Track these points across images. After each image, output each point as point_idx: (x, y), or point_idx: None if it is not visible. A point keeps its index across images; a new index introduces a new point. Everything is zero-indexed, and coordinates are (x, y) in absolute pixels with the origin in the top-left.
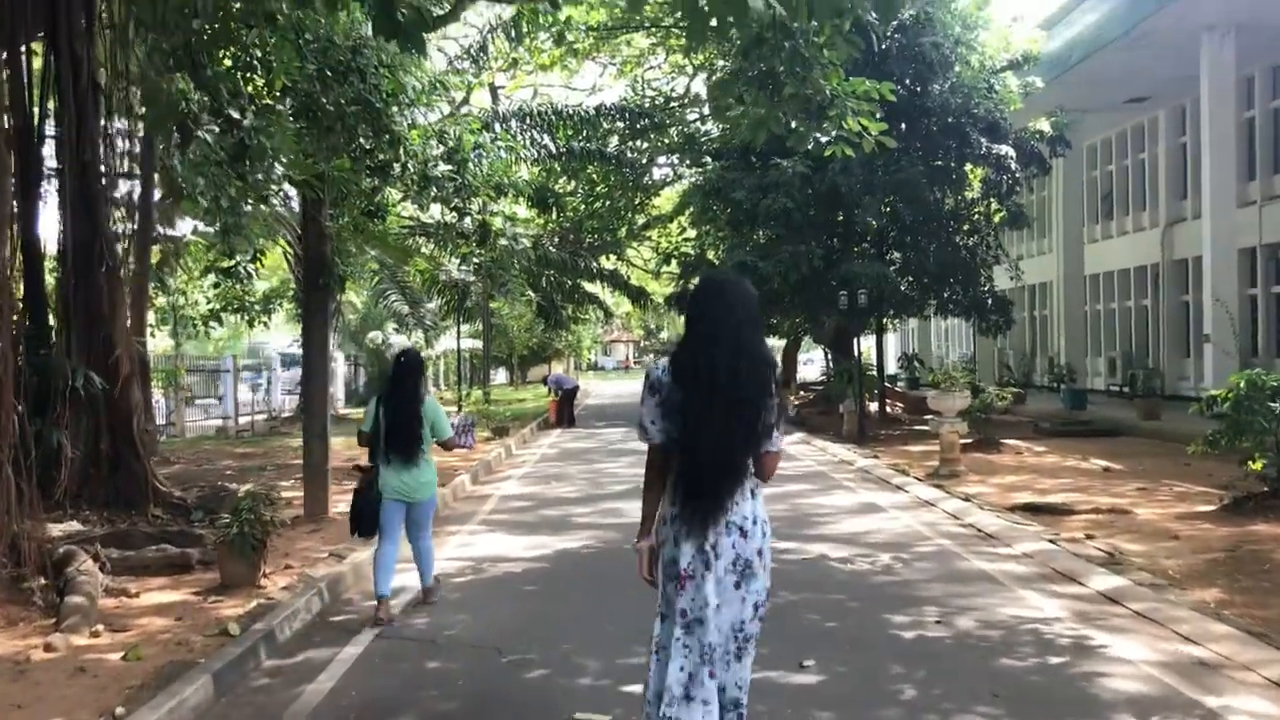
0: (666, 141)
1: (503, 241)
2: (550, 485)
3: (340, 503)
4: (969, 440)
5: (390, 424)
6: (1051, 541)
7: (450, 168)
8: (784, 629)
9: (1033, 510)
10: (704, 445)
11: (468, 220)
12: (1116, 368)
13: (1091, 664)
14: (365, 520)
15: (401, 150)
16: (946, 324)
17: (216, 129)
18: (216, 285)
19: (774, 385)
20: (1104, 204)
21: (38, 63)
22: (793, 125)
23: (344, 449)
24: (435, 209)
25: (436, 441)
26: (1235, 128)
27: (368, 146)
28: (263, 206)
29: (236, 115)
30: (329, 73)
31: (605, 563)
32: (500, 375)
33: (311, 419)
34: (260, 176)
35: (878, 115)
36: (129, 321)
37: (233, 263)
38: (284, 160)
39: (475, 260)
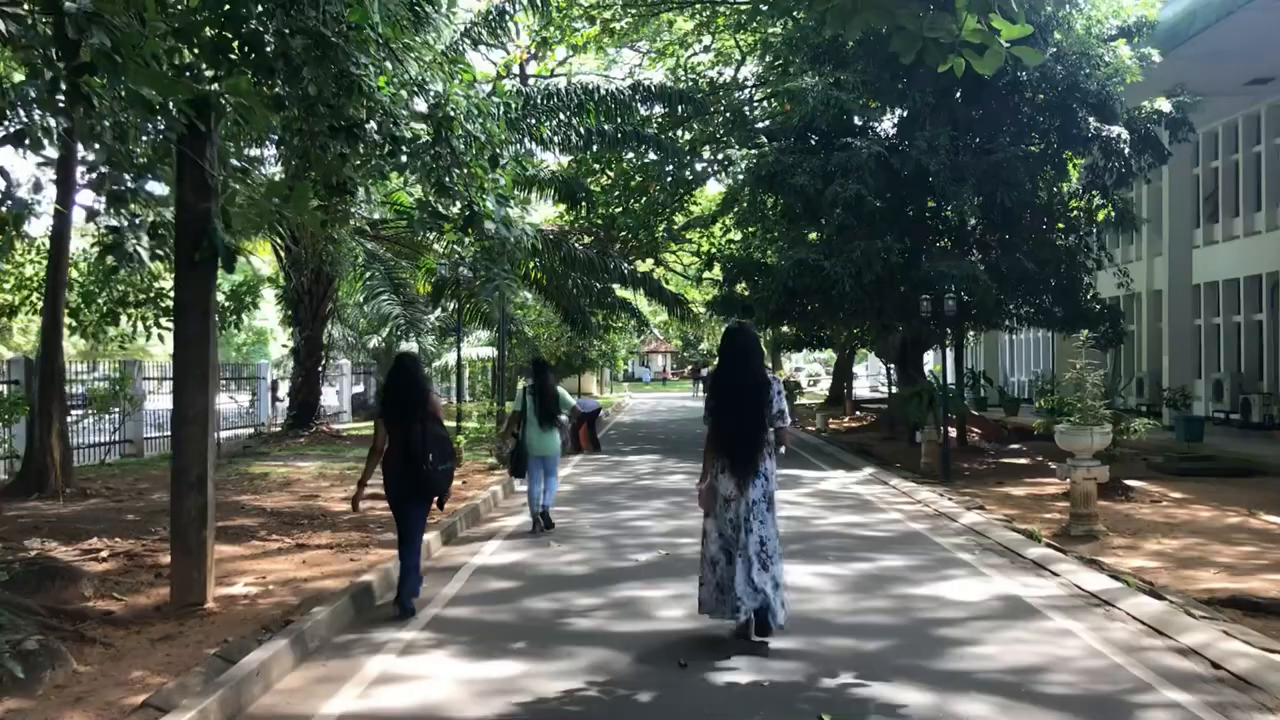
0: (710, 129)
1: (490, 225)
2: (549, 549)
3: (238, 580)
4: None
5: (538, 404)
6: None
7: (425, 127)
8: None
9: (1248, 609)
10: (728, 428)
11: (456, 202)
12: (1224, 391)
13: None
14: (521, 464)
15: (368, 103)
16: (1016, 338)
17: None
18: (114, 270)
19: (772, 388)
20: (1208, 204)
21: None
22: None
23: (318, 476)
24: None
25: (566, 413)
26: None
27: (329, 100)
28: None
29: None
30: None
31: None
32: None
33: (185, 460)
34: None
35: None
36: None
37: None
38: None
39: (459, 251)
